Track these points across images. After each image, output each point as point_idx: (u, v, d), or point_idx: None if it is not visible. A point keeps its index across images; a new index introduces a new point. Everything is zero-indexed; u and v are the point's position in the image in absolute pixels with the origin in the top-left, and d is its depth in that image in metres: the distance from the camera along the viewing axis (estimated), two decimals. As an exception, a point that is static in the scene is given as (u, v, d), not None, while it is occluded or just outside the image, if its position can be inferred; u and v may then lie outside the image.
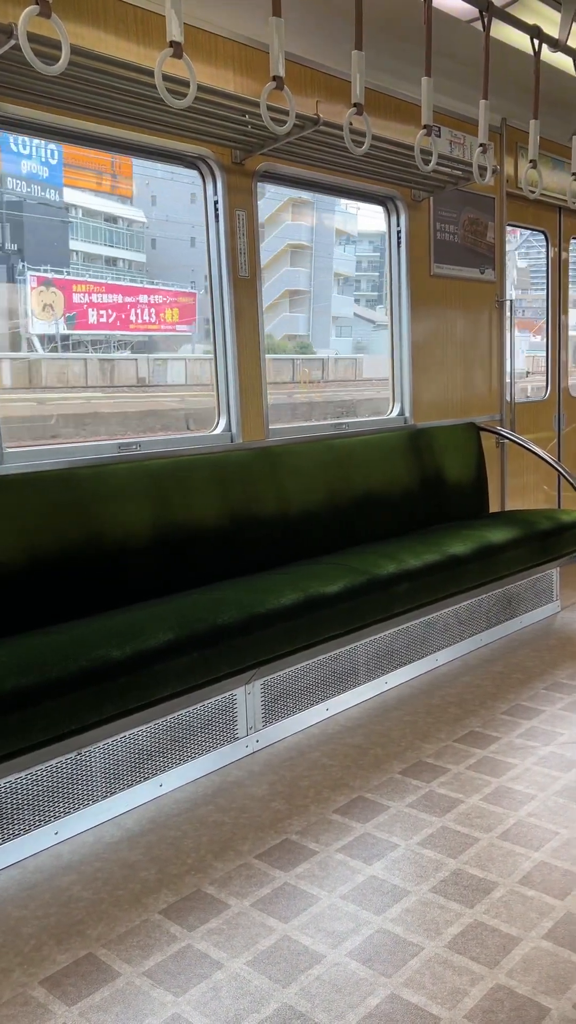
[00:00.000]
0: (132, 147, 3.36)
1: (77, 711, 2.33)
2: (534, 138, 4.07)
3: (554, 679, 3.75)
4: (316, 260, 21.00)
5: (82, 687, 2.32)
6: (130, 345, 14.73)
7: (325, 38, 3.81)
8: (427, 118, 3.45)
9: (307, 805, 2.74)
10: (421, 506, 4.41)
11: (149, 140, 3.31)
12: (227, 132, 3.36)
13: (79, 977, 2.00)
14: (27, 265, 13.67)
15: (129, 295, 15.04)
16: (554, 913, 2.15)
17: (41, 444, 3.31)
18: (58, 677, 2.28)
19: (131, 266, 17.86)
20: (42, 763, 2.51)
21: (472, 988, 1.90)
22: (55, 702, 2.27)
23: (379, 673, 3.64)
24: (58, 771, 2.57)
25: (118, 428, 11.20)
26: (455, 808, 2.68)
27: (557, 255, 5.78)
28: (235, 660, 2.74)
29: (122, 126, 3.19)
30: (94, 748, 2.64)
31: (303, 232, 19.67)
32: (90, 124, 3.12)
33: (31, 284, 13.65)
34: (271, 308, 19.55)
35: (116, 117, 3.10)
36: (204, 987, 1.94)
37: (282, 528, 3.69)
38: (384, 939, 2.08)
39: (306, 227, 19.77)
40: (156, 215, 18.13)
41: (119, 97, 2.91)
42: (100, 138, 3.22)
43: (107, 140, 3.25)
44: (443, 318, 4.79)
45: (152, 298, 15.15)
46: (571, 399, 6.04)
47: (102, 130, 3.16)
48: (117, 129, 3.19)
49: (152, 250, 18.79)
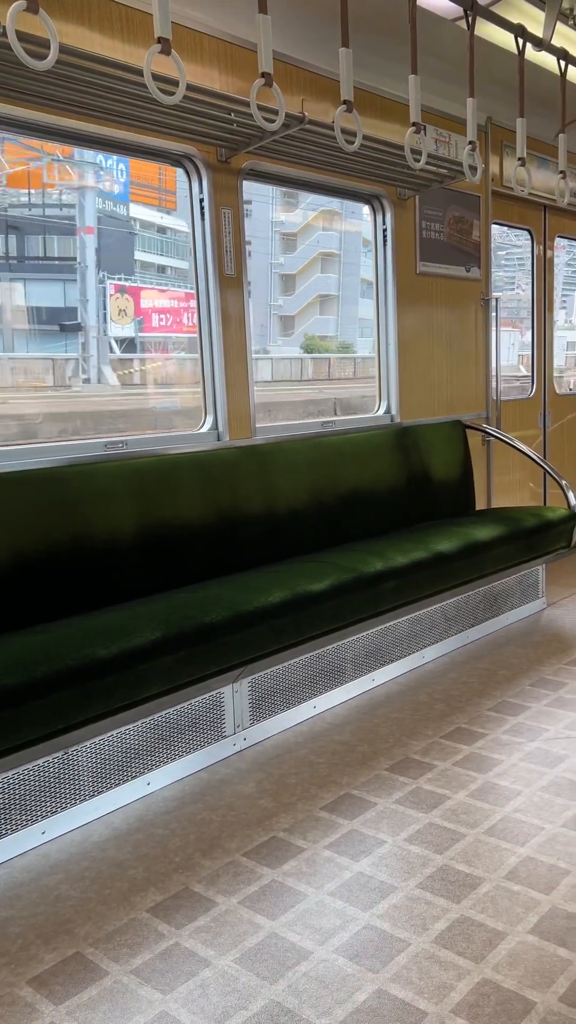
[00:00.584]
0: (118, 145, 3.35)
1: (64, 710, 2.33)
2: (521, 137, 4.09)
3: (540, 675, 3.77)
4: (344, 266, 21.87)
5: (69, 686, 2.32)
6: (183, 346, 15.91)
7: (309, 36, 3.81)
8: (415, 116, 3.46)
9: (294, 802, 2.75)
10: (408, 504, 4.42)
11: (135, 138, 3.31)
12: (213, 130, 3.36)
13: (67, 976, 2.00)
14: (106, 274, 14.61)
15: (180, 300, 16.46)
16: (539, 907, 2.17)
17: (27, 443, 3.29)
18: (44, 676, 2.28)
19: (176, 273, 18.87)
20: (29, 762, 2.50)
21: (458, 983, 1.92)
22: (42, 701, 2.26)
23: (366, 670, 3.65)
24: (45, 770, 2.56)
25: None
26: (442, 804, 2.70)
27: (542, 253, 5.81)
28: (222, 658, 2.75)
29: (108, 124, 3.18)
30: (81, 747, 2.64)
31: (333, 240, 20.45)
32: (76, 122, 3.11)
33: (110, 291, 14.63)
34: (305, 311, 20.26)
35: (102, 115, 3.09)
36: (192, 985, 1.95)
37: (269, 526, 3.69)
38: (371, 935, 2.09)
39: (335, 236, 20.39)
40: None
41: (105, 95, 2.90)
42: (86, 136, 3.21)
43: (93, 138, 3.24)
44: (429, 316, 4.80)
45: (192, 303, 16.23)
46: (557, 397, 6.07)
47: (88, 128, 3.15)
48: (103, 127, 3.18)
49: (191, 257, 19.65)
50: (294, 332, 20.48)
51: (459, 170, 4.11)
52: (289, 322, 20.81)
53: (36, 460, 3.11)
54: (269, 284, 20.16)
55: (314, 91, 3.94)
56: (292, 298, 20.75)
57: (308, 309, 20.63)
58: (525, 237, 5.83)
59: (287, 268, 20.79)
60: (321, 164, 3.92)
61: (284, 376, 16.30)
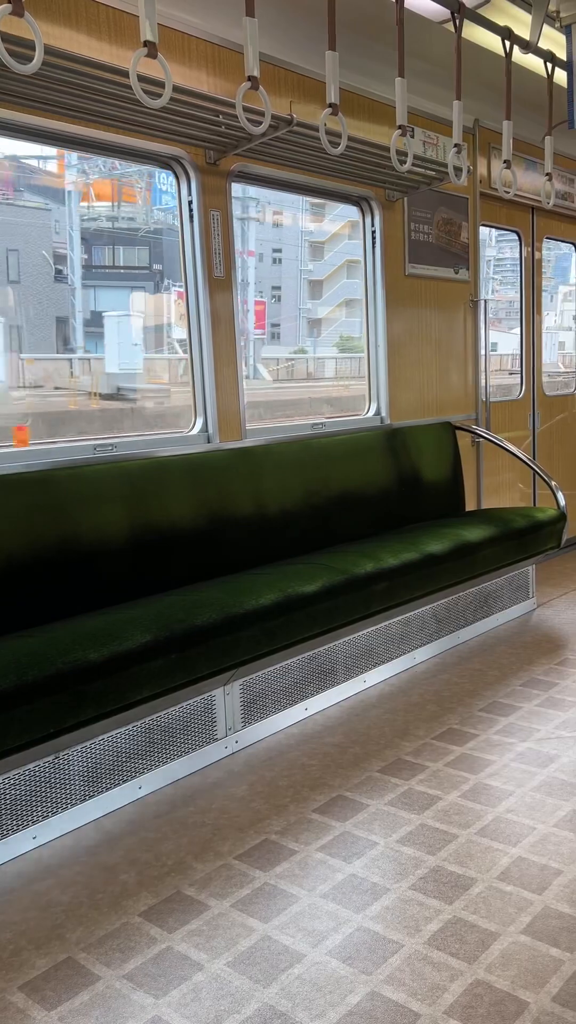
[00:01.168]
0: (106, 147, 3.35)
1: (55, 714, 2.32)
2: (507, 139, 4.10)
3: (530, 676, 3.78)
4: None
5: (59, 690, 2.31)
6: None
7: (297, 38, 3.82)
8: (402, 118, 3.47)
9: (287, 805, 2.74)
10: (398, 505, 4.43)
11: (123, 140, 3.30)
12: (200, 132, 3.35)
13: (58, 982, 1.99)
14: (171, 282, 15.88)
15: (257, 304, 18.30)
16: (532, 908, 2.17)
17: (13, 447, 3.28)
18: (35, 680, 2.27)
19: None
20: (20, 767, 2.49)
21: (452, 984, 1.92)
22: (32, 705, 2.25)
23: (357, 672, 3.65)
24: (36, 775, 2.55)
25: (316, 409, 13.32)
26: (434, 805, 2.70)
27: (530, 255, 5.83)
28: (214, 661, 2.74)
29: (96, 126, 3.18)
30: (72, 751, 2.63)
31: (358, 248, 21.87)
32: (63, 124, 3.10)
33: (174, 297, 15.95)
34: (332, 314, 21.12)
35: (90, 117, 3.08)
36: (184, 989, 1.94)
37: (260, 528, 3.69)
38: (364, 937, 2.09)
39: (359, 244, 21.39)
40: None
41: (92, 97, 2.90)
42: (74, 138, 3.20)
43: (81, 140, 3.23)
44: (418, 318, 4.81)
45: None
46: (546, 398, 6.09)
47: (75, 130, 3.15)
48: (91, 129, 3.18)
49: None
50: (321, 334, 21.31)
51: (446, 172, 4.12)
52: (316, 324, 21.48)
53: (24, 463, 3.10)
54: (299, 289, 21.24)
55: (302, 93, 3.94)
56: (320, 302, 21.61)
57: (335, 312, 21.33)
58: (509, 239, 5.86)
59: (315, 274, 21.80)
60: (310, 166, 3.93)
61: (318, 374, 17.84)
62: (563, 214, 6.04)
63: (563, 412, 6.30)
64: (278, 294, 19.85)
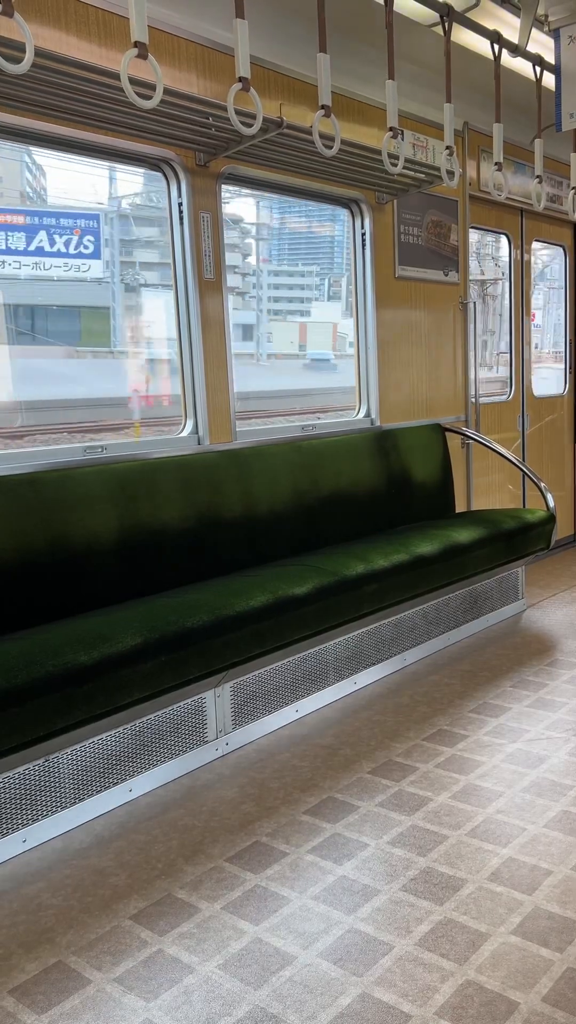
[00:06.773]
0: (96, 149, 3.34)
1: (45, 717, 2.31)
2: (498, 141, 4.12)
3: (520, 676, 3.79)
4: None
5: (49, 693, 2.31)
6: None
7: (288, 40, 3.82)
8: (392, 121, 3.48)
9: (277, 807, 2.74)
10: (388, 507, 4.43)
11: (113, 142, 3.30)
12: (191, 134, 3.35)
13: (49, 985, 1.98)
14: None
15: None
16: (522, 908, 2.18)
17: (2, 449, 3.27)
18: (25, 683, 2.26)
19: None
20: (9, 770, 2.48)
21: (442, 985, 1.92)
22: (22, 708, 2.25)
23: (348, 673, 3.65)
24: (26, 778, 2.54)
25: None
26: (424, 806, 2.70)
27: (520, 257, 5.85)
28: (204, 663, 2.74)
29: (86, 128, 3.17)
30: (62, 754, 2.62)
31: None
32: (53, 126, 3.10)
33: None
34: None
35: (79, 119, 3.08)
36: (175, 992, 1.94)
37: (250, 530, 3.69)
38: (355, 939, 2.09)
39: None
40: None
41: (82, 99, 2.89)
42: (63, 140, 3.20)
43: (70, 142, 3.23)
44: (408, 320, 4.82)
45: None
46: (535, 400, 6.11)
47: (65, 132, 3.14)
48: (80, 131, 3.17)
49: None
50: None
51: (436, 174, 4.13)
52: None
53: (12, 465, 3.09)
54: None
55: (292, 95, 3.95)
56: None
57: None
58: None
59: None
60: (300, 168, 3.93)
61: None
62: (552, 216, 6.07)
63: (552, 414, 6.33)
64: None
